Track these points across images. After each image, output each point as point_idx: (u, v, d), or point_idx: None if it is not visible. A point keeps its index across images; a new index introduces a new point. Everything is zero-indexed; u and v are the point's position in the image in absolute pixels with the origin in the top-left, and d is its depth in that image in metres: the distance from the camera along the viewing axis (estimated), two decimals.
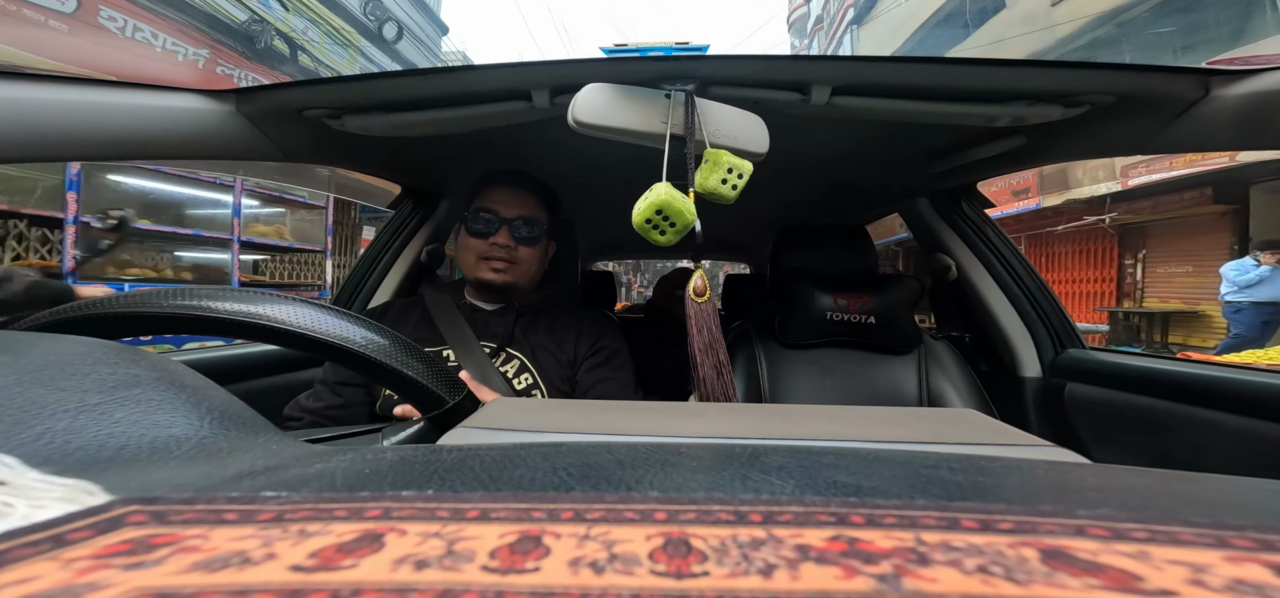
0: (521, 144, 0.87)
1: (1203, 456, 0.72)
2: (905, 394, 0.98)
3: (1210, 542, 0.11)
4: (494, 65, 0.60)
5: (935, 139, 0.86)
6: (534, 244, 0.79)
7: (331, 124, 0.70)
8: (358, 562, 0.11)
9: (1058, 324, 1.02)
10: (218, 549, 0.11)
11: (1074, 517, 0.12)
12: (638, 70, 0.57)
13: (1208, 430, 0.71)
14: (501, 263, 0.77)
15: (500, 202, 0.78)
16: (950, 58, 0.58)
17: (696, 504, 0.13)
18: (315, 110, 0.68)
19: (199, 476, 0.17)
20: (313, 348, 0.31)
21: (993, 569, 0.10)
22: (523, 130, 0.75)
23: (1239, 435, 0.67)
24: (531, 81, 0.62)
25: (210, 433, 0.20)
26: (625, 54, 0.56)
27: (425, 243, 1.16)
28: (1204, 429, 0.71)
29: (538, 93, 0.63)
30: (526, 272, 0.80)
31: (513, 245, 0.77)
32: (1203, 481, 0.16)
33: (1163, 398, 0.78)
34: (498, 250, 0.77)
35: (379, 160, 0.95)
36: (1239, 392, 0.68)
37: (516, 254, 0.78)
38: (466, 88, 0.65)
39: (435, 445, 0.21)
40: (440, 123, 0.69)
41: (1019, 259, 1.06)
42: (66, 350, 0.22)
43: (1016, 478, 0.16)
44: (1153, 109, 0.61)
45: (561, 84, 0.61)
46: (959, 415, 0.30)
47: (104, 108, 0.56)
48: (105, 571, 0.10)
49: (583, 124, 0.54)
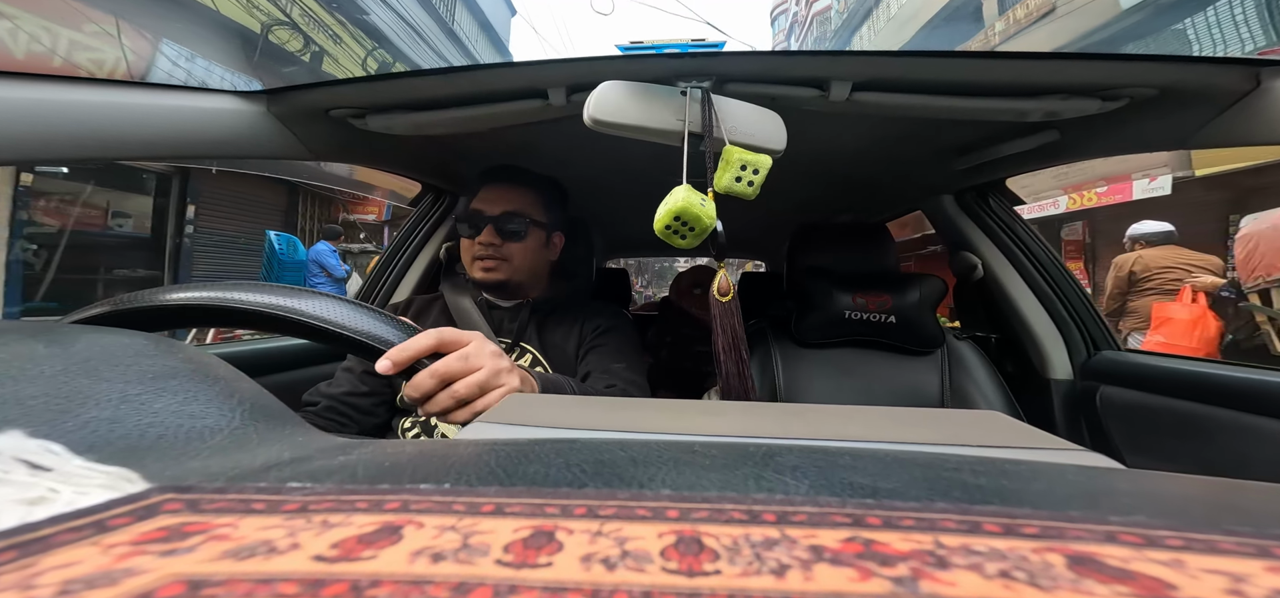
0: (538, 142, 0.88)
1: (1247, 464, 0.68)
2: (927, 396, 0.95)
3: (1252, 551, 0.10)
4: (511, 64, 0.61)
5: (961, 135, 0.83)
6: (520, 239, 0.79)
7: (356, 123, 0.72)
8: (377, 553, 0.11)
9: (1091, 325, 0.98)
10: (246, 538, 0.12)
11: (1105, 523, 0.12)
12: (654, 68, 0.56)
13: (1252, 437, 0.67)
14: (491, 260, 0.78)
15: (486, 200, 0.79)
16: (980, 52, 0.57)
17: (709, 503, 0.13)
18: (341, 110, 0.70)
19: (230, 465, 0.17)
20: (245, 322, 0.36)
21: (1016, 575, 0.10)
22: (539, 128, 0.76)
23: None
24: (548, 80, 0.63)
25: (241, 424, 0.21)
26: (641, 51, 0.56)
27: (445, 240, 1.18)
28: (1248, 436, 0.68)
29: (554, 91, 0.63)
30: (521, 267, 0.80)
31: (499, 242, 0.77)
32: (1246, 488, 0.16)
33: (1204, 402, 0.74)
34: (485, 248, 0.77)
35: (401, 158, 0.97)
36: None
37: (504, 251, 0.78)
38: (485, 87, 0.66)
39: (452, 440, 0.21)
40: (459, 121, 0.70)
41: (1050, 258, 1.02)
42: (110, 343, 0.24)
43: (1043, 482, 0.16)
44: (1198, 102, 0.58)
45: (578, 82, 0.62)
46: (983, 417, 0.29)
47: (141, 109, 0.59)
48: (143, 557, 0.11)
49: (599, 122, 0.55)
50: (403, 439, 0.39)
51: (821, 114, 0.64)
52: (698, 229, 0.52)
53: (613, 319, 0.83)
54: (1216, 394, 0.73)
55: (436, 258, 1.18)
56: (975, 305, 1.15)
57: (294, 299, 0.36)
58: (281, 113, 0.68)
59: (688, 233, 0.53)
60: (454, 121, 0.70)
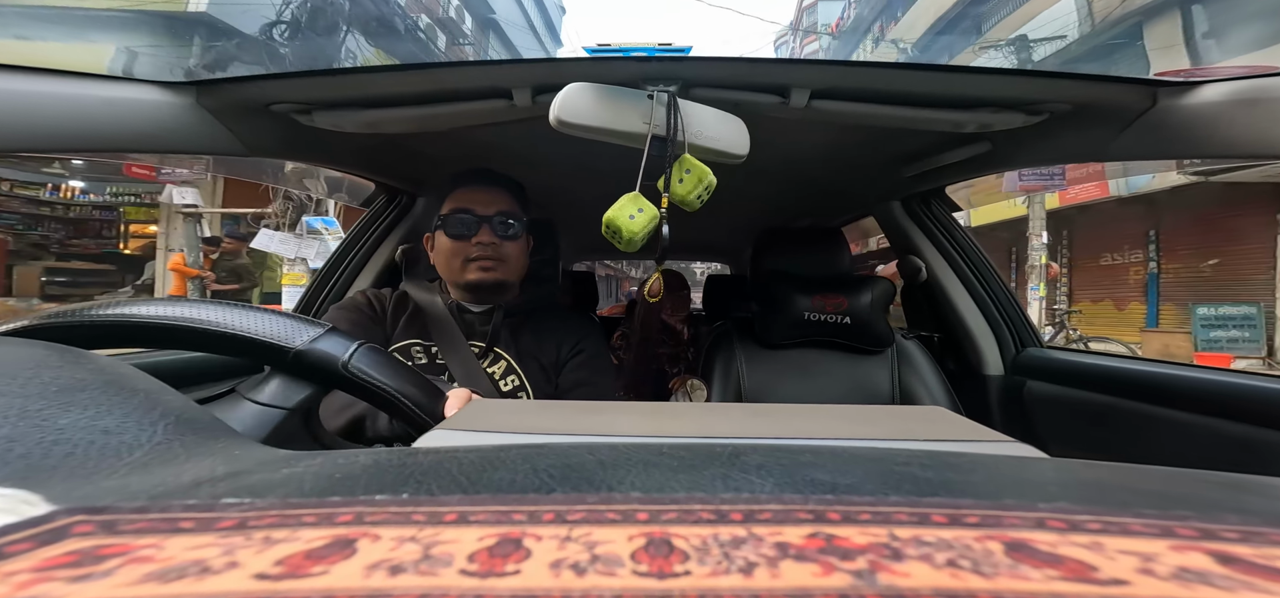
0: (502, 142, 0.86)
1: (1149, 449, 0.76)
2: (879, 392, 1.00)
3: (1157, 532, 0.11)
4: (474, 63, 0.60)
5: (907, 144, 0.88)
6: (517, 239, 0.79)
7: (301, 119, 0.67)
8: (329, 568, 0.10)
9: (1018, 324, 1.06)
10: (174, 559, 0.11)
11: (1035, 510, 0.12)
12: (621, 71, 0.57)
13: (1153, 425, 0.75)
14: (490, 261, 0.76)
15: (476, 201, 0.77)
16: (922, 64, 0.61)
17: (678, 504, 0.13)
18: (283, 105, 0.66)
19: (153, 483, 0.16)
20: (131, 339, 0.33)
21: (961, 563, 0.10)
22: (503, 128, 0.74)
23: (1181, 430, 0.71)
24: (513, 80, 0.62)
25: (164, 439, 0.19)
26: (608, 54, 0.56)
27: (399, 242, 1.13)
28: (1150, 424, 0.76)
29: (519, 91, 0.62)
30: (515, 268, 0.79)
31: (497, 242, 0.76)
32: (1149, 473, 0.17)
33: (1113, 395, 0.82)
34: (483, 249, 0.75)
35: (353, 157, 0.92)
36: (1181, 389, 0.73)
37: (502, 251, 0.77)
38: (446, 85, 0.64)
39: (412, 448, 0.20)
40: (418, 120, 0.67)
41: (983, 261, 1.11)
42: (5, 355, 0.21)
43: (981, 473, 0.17)
44: (1105, 118, 0.64)
45: (543, 83, 0.61)
46: (929, 413, 0.31)
47: (51, 98, 0.53)
48: (48, 584, 0.10)
49: (565, 123, 0.54)
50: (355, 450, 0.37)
51: (782, 120, 0.67)
52: (625, 237, 0.55)
53: (590, 335, 0.83)
54: (1123, 387, 0.81)
55: (392, 260, 1.13)
56: (921, 306, 1.22)
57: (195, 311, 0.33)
58: (214, 106, 0.63)
59: (618, 240, 0.56)
60: (412, 120, 0.67)
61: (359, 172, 1.00)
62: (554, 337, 0.80)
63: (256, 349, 0.34)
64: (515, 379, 0.74)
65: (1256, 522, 0.12)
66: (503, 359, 0.75)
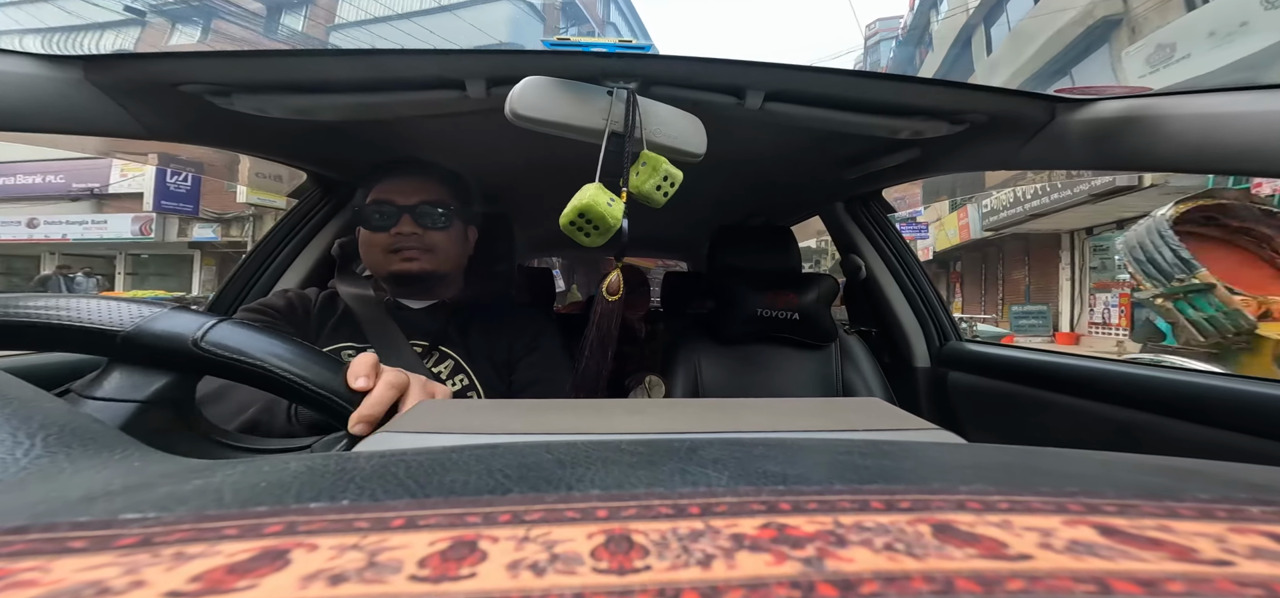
0: (452, 134, 0.82)
1: (1047, 431, 0.86)
2: (824, 385, 1.06)
3: (1052, 509, 0.13)
4: (424, 51, 0.56)
5: (849, 148, 0.93)
6: (444, 228, 0.74)
7: (217, 102, 0.61)
8: (257, 582, 0.09)
9: (941, 319, 1.16)
10: (64, 581, 0.09)
11: (956, 493, 0.14)
12: (580, 66, 0.56)
13: (1051, 410, 0.85)
14: (413, 251, 0.72)
15: (396, 191, 0.72)
16: (863, 72, 0.64)
17: (638, 500, 0.13)
18: (195, 86, 0.59)
19: (32, 501, 0.14)
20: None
21: (897, 546, 0.11)
22: (456, 120, 0.71)
23: (1074, 414, 0.81)
24: (466, 70, 0.59)
25: (45, 452, 0.17)
26: (568, 48, 0.55)
27: (336, 236, 1.05)
28: (1048, 409, 0.85)
29: (473, 82, 0.59)
30: (446, 259, 0.75)
31: (420, 232, 0.72)
32: (1046, 454, 0.19)
33: (1018, 383, 0.91)
34: (405, 240, 0.71)
35: (279, 144, 0.84)
36: (1072, 377, 0.82)
37: (427, 240, 0.72)
38: (388, 73, 0.60)
39: (352, 452, 0.19)
40: (360, 108, 0.62)
41: (914, 261, 1.19)
42: None
43: (912, 460, 0.18)
44: (1013, 129, 0.70)
45: (499, 75, 0.58)
46: (867, 404, 0.33)
47: None
48: None
49: (521, 117, 0.53)
50: (284, 456, 0.34)
51: (737, 121, 0.68)
52: (603, 228, 0.53)
53: (546, 331, 0.80)
54: (1026, 376, 0.90)
55: (327, 255, 1.05)
56: (861, 302, 1.30)
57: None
58: (104, 83, 0.56)
59: (592, 231, 0.53)
60: (351, 108, 0.62)
61: (288, 160, 0.92)
62: (506, 333, 0.77)
63: (76, 337, 0.31)
64: (464, 379, 0.70)
65: (1130, 494, 0.14)
66: (450, 358, 0.71)
